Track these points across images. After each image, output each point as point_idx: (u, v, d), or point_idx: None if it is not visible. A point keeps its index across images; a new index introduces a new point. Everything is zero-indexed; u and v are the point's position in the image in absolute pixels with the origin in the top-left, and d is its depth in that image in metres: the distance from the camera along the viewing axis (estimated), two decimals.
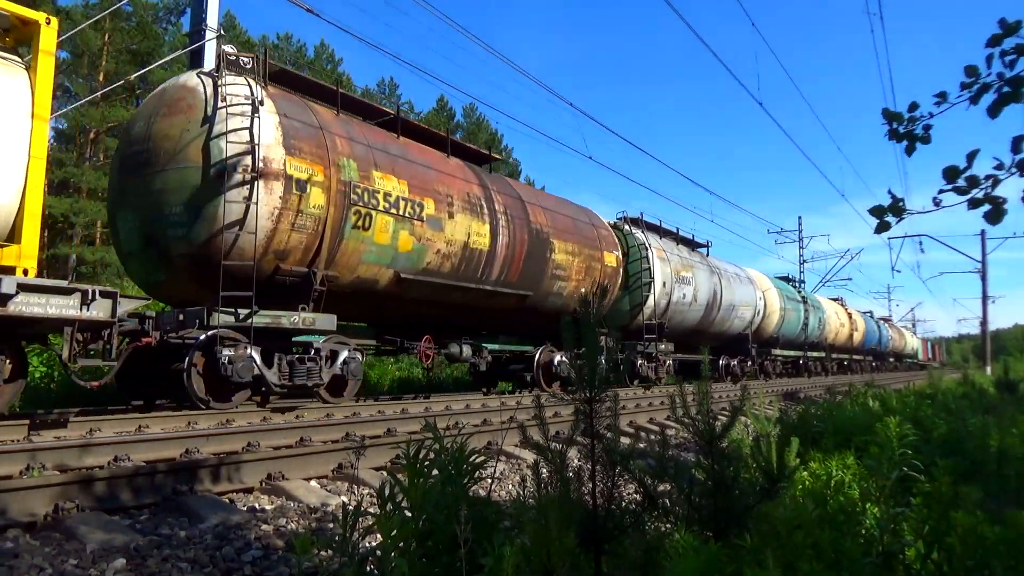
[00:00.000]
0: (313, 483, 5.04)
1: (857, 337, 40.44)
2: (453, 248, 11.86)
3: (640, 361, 17.74)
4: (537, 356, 14.47)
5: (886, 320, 57.08)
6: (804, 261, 45.81)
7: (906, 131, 2.80)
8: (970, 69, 2.57)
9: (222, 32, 10.14)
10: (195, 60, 11.17)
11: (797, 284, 34.61)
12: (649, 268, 17.98)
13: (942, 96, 2.65)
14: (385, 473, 5.21)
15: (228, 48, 9.68)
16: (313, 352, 9.64)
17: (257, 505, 4.43)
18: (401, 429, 7.53)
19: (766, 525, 2.05)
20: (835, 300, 40.36)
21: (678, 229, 21.49)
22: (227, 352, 8.43)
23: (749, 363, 25.33)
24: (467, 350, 12.90)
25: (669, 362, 19.01)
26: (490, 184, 13.26)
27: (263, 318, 8.90)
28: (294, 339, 9.62)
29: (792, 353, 30.20)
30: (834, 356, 36.17)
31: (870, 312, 49.94)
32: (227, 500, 4.44)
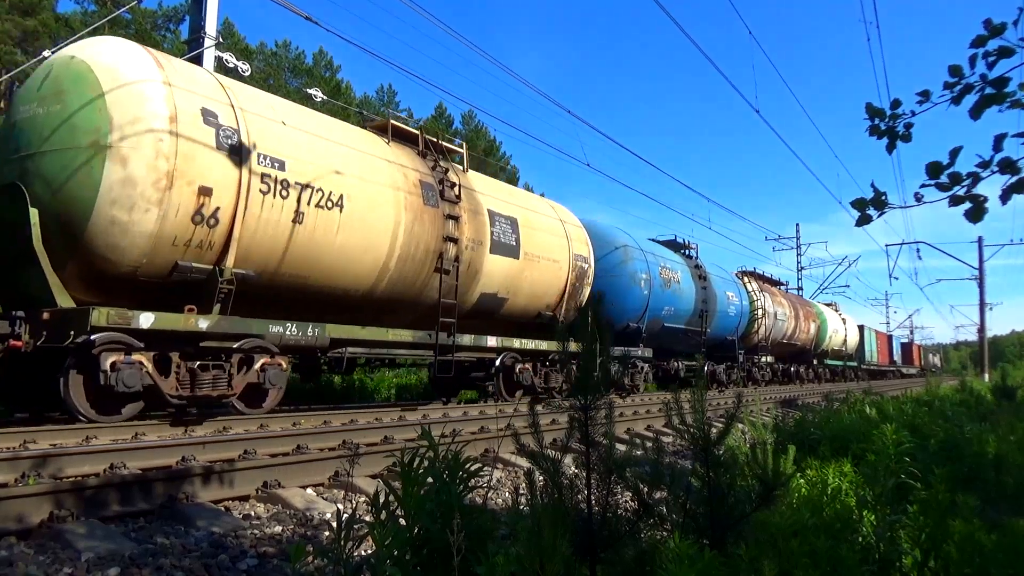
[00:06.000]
0: (309, 491, 5.03)
1: (559, 304, 15.97)
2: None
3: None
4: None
5: (773, 283, 30.07)
6: (802, 268, 45.77)
7: (887, 127, 2.77)
8: (954, 69, 2.55)
9: (220, 39, 9.96)
10: None
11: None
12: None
13: (925, 95, 2.62)
14: (380, 481, 5.19)
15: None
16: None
17: (253, 513, 4.42)
18: (398, 436, 7.52)
19: (762, 533, 2.05)
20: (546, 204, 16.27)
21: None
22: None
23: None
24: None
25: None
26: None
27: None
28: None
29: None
30: (462, 355, 13.14)
31: (688, 252, 22.09)
32: (223, 508, 4.43)
